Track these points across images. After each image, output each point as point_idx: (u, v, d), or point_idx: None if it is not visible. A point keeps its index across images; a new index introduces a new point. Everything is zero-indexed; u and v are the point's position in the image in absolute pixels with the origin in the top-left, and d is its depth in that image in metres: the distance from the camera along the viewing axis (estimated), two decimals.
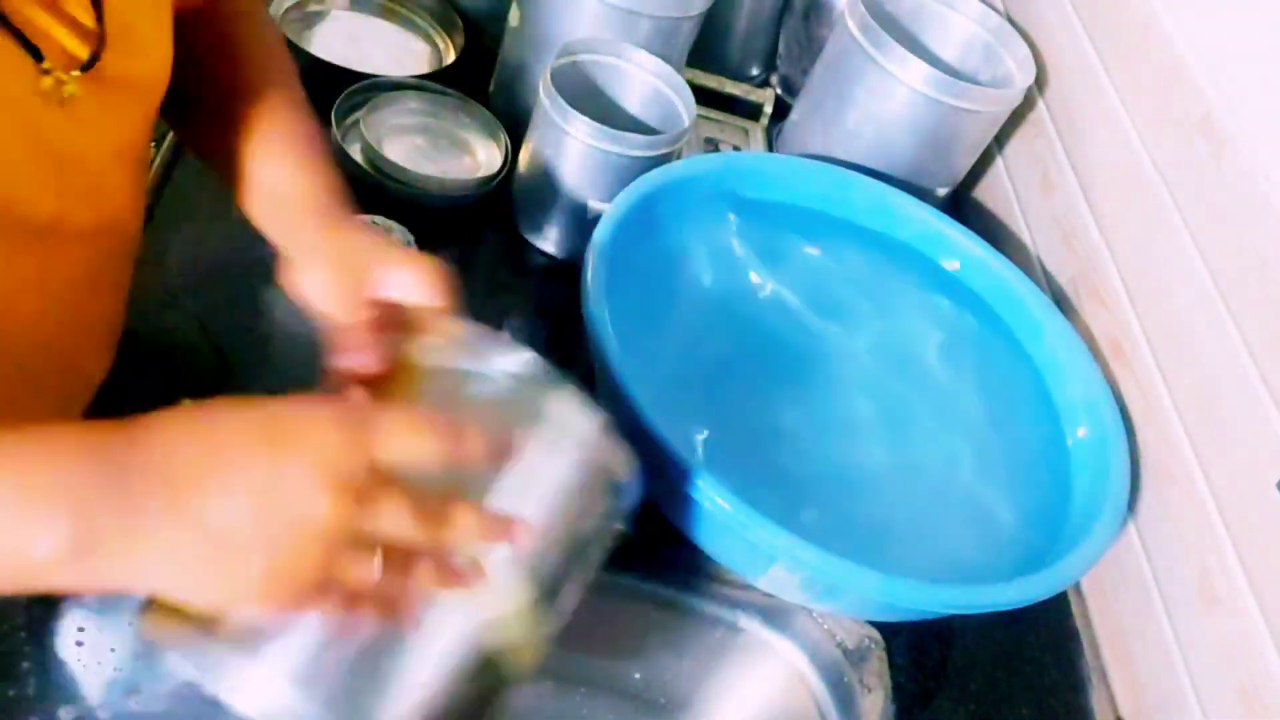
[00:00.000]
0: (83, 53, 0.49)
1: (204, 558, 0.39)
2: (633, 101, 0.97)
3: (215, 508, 0.39)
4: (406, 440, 0.42)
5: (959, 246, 0.95)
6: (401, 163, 0.91)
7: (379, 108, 0.96)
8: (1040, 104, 1.05)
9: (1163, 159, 0.88)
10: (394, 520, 0.41)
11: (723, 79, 1.13)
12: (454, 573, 0.45)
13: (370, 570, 0.41)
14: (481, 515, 0.45)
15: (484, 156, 0.99)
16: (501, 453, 0.46)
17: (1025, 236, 1.06)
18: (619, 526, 0.52)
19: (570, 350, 0.89)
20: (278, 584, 0.40)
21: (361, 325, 0.55)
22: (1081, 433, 0.85)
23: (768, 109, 1.14)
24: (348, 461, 0.40)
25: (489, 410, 0.48)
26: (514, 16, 0.99)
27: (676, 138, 0.90)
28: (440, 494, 0.43)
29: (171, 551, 0.39)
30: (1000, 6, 1.10)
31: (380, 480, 0.41)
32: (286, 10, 1.04)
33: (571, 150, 0.88)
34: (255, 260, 0.62)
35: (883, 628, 0.82)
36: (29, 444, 0.40)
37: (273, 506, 0.39)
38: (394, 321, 0.54)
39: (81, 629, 0.64)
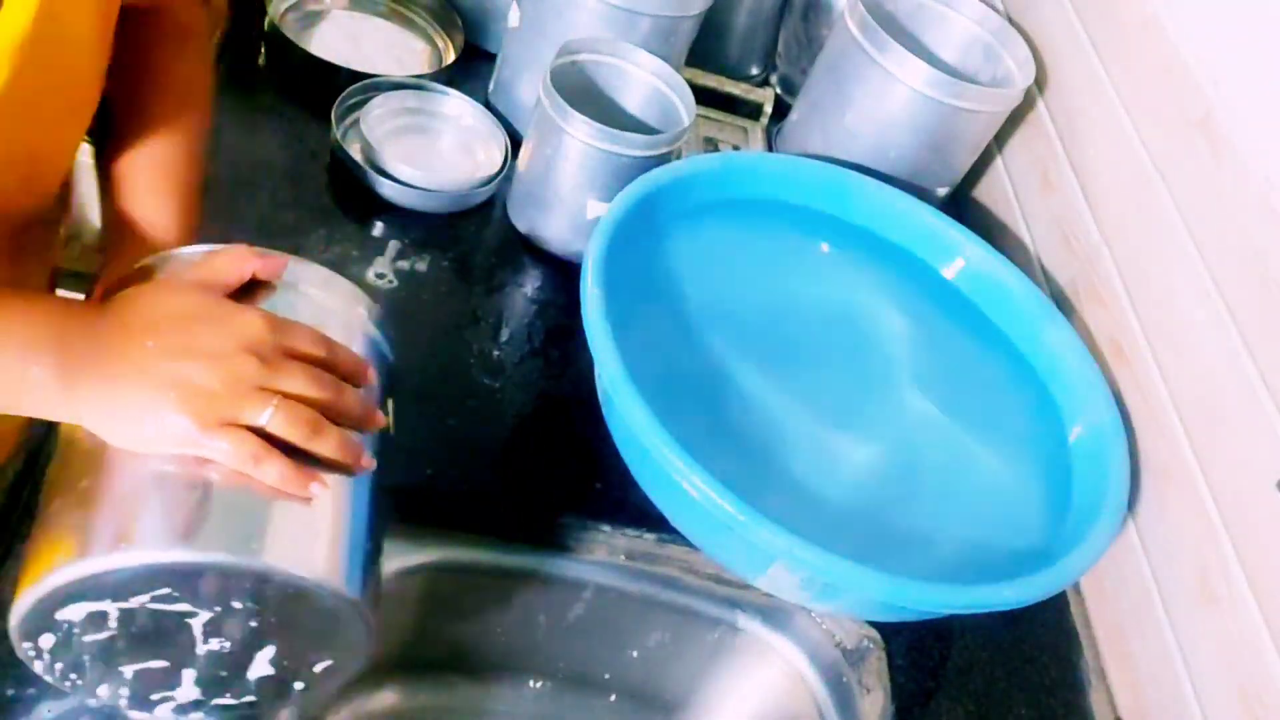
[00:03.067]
0: None
1: (141, 391, 0.49)
2: (632, 101, 0.97)
3: (154, 354, 0.50)
4: (307, 340, 0.54)
5: (959, 246, 0.95)
6: (401, 163, 0.91)
7: (379, 108, 0.96)
8: (1040, 104, 1.05)
9: (1163, 159, 0.88)
10: (295, 380, 0.52)
11: (722, 79, 1.13)
12: (349, 444, 0.53)
13: (265, 414, 0.50)
14: (359, 392, 0.56)
15: (484, 156, 0.99)
16: (358, 365, 0.57)
17: (1025, 236, 1.06)
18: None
19: (570, 350, 0.89)
20: (193, 409, 0.49)
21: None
22: (1081, 433, 0.85)
23: (767, 109, 1.14)
24: (264, 338, 0.52)
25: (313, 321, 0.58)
26: (514, 16, 0.99)
27: (676, 138, 0.90)
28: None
29: (117, 387, 0.50)
30: (1000, 6, 1.10)
31: (288, 355, 0.53)
32: (286, 10, 1.04)
33: (571, 150, 0.88)
34: None
35: (883, 628, 0.82)
36: (17, 302, 0.52)
37: (196, 356, 0.50)
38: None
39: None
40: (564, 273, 0.94)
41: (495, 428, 0.82)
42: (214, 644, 0.51)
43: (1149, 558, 0.82)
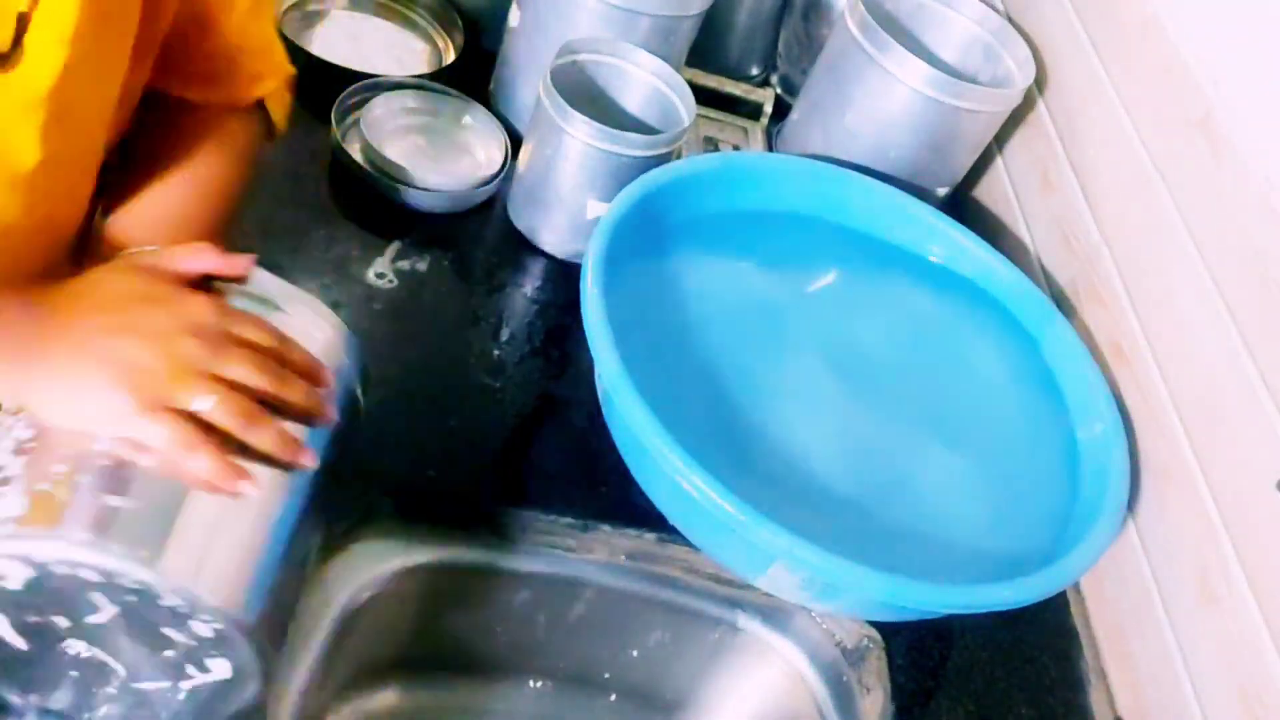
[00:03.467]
0: None
1: (79, 367, 0.49)
2: (632, 101, 0.97)
3: (94, 331, 0.49)
4: (255, 329, 0.53)
5: (959, 247, 0.95)
6: (401, 163, 0.91)
7: (379, 108, 0.96)
8: (1040, 104, 1.05)
9: (1163, 159, 0.88)
10: (237, 367, 0.51)
11: (723, 79, 1.13)
12: (288, 438, 0.52)
13: (207, 401, 0.49)
14: (306, 385, 0.54)
15: (484, 156, 0.99)
16: (313, 363, 0.56)
17: (1025, 236, 1.06)
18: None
19: (570, 350, 0.89)
20: (131, 386, 0.48)
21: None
22: (1081, 433, 0.85)
23: (768, 109, 1.14)
24: (209, 321, 0.51)
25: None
26: (514, 16, 0.99)
27: (676, 137, 0.90)
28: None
29: (56, 364, 0.49)
30: (1000, 6, 1.10)
31: (233, 341, 0.51)
32: (286, 10, 1.04)
33: (571, 150, 0.88)
34: None
35: (882, 628, 0.82)
36: None
37: (137, 333, 0.49)
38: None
39: None
40: (564, 273, 0.94)
41: (495, 428, 0.82)
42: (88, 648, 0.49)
43: (1149, 558, 0.82)
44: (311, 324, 0.58)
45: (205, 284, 0.55)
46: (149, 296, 0.51)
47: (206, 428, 0.49)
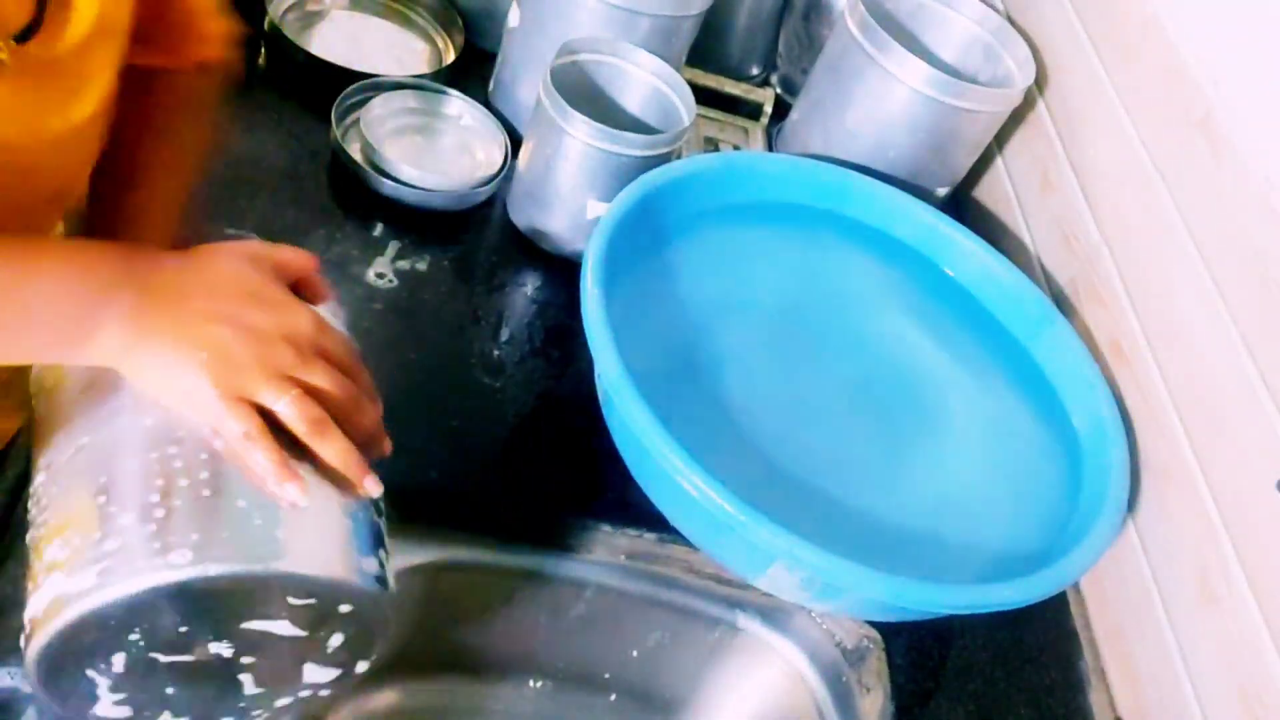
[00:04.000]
0: (17, 19, 0.49)
1: (178, 347, 0.50)
2: (633, 101, 0.97)
3: (200, 316, 0.51)
4: (345, 347, 0.55)
5: (959, 246, 0.95)
6: (401, 163, 0.91)
7: (379, 108, 0.96)
8: (1040, 104, 1.05)
9: (1163, 159, 0.87)
10: (320, 377, 0.52)
11: (723, 79, 1.13)
12: (356, 456, 0.53)
13: (282, 400, 0.50)
14: (378, 416, 0.56)
15: (484, 156, 0.99)
16: (373, 392, 0.57)
17: (1025, 236, 1.06)
18: None
19: (570, 350, 0.89)
20: (218, 376, 0.49)
21: None
22: (1081, 433, 0.85)
23: (768, 109, 1.14)
24: (306, 332, 0.52)
25: None
26: (514, 16, 0.99)
27: (676, 137, 0.90)
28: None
29: (159, 340, 0.50)
30: (1000, 6, 1.10)
31: (321, 355, 0.53)
32: (286, 10, 1.04)
33: (571, 150, 0.88)
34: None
35: (882, 628, 0.82)
36: (91, 246, 0.53)
37: (238, 328, 0.51)
38: None
39: None
40: (564, 273, 0.94)
41: (496, 427, 0.82)
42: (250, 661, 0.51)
43: (1149, 558, 0.82)
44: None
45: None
46: (257, 294, 0.52)
47: (278, 429, 0.50)
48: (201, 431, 0.50)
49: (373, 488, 0.54)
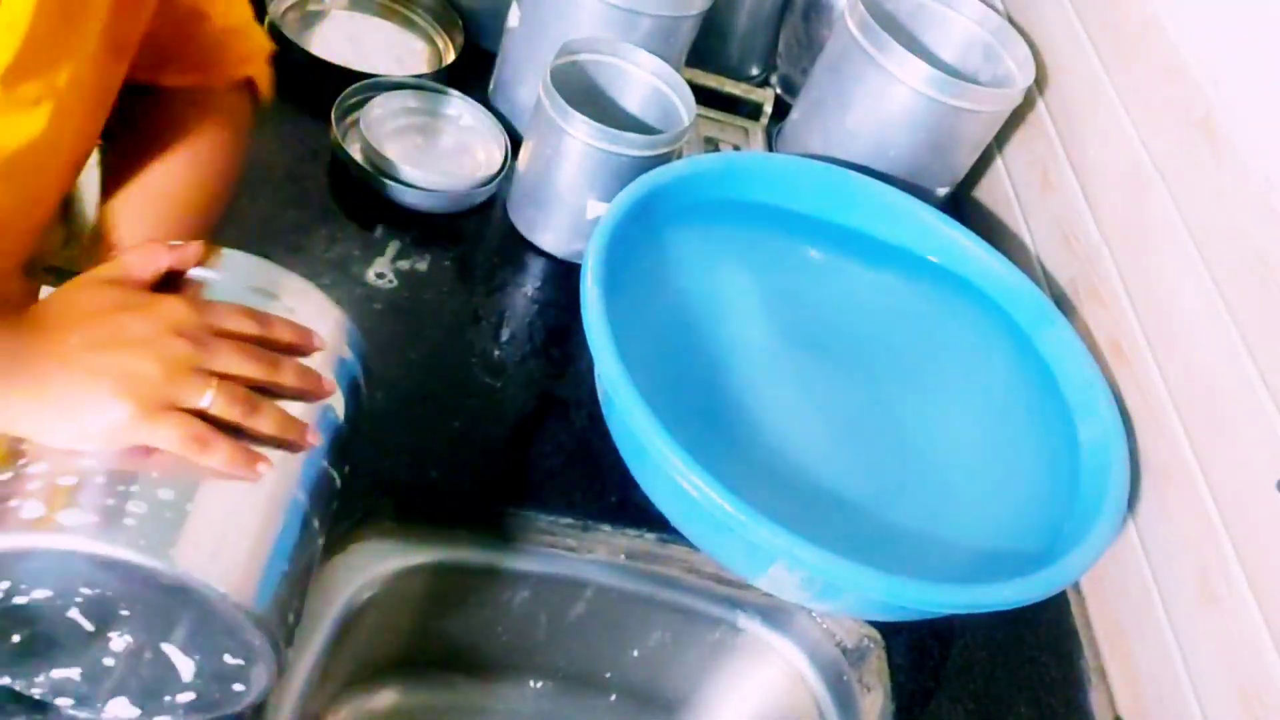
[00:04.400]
0: None
1: (74, 384, 0.48)
2: (633, 101, 0.97)
3: (80, 347, 0.49)
4: (236, 317, 0.53)
5: (958, 247, 0.95)
6: (401, 163, 0.91)
7: (379, 108, 0.96)
8: (1040, 104, 1.05)
9: (1163, 159, 0.88)
10: (228, 358, 0.51)
11: (723, 79, 1.13)
12: (289, 420, 0.52)
13: (205, 396, 0.50)
14: (298, 364, 0.54)
15: (484, 156, 0.99)
16: (300, 334, 0.56)
17: (1025, 236, 1.06)
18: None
19: (570, 350, 0.89)
20: (133, 394, 0.48)
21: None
22: (1081, 433, 0.85)
23: (768, 109, 1.14)
24: (189, 319, 0.51)
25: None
26: (514, 16, 0.99)
27: (676, 137, 0.90)
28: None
29: (49, 384, 0.48)
30: (1000, 6, 1.10)
31: (217, 334, 0.52)
32: (286, 10, 1.04)
33: (571, 150, 0.88)
34: None
35: (883, 627, 0.82)
36: None
37: (124, 343, 0.49)
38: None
39: None
40: (564, 273, 0.94)
41: (496, 427, 0.82)
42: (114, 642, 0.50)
43: (1149, 558, 0.82)
44: (315, 316, 0.58)
45: (174, 282, 0.56)
46: (123, 305, 0.51)
47: (210, 422, 0.50)
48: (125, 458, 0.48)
49: (314, 439, 0.53)
